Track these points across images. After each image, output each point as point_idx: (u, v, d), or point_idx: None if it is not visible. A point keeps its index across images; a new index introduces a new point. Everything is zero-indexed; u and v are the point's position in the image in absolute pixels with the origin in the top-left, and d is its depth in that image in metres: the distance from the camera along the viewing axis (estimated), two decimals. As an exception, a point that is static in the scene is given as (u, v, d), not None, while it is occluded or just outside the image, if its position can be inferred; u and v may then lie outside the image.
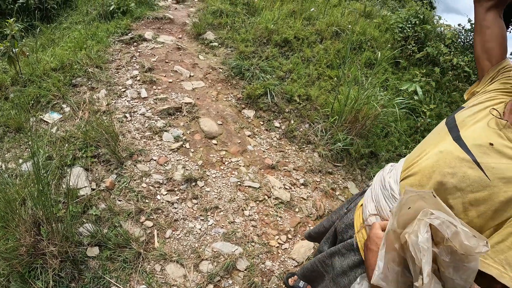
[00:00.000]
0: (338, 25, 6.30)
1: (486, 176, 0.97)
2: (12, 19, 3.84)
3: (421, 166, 1.12)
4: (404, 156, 1.34)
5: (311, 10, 6.83)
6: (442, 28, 7.50)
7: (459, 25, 10.23)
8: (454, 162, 1.03)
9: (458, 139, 1.08)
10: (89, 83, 3.98)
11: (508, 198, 0.93)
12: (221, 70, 4.92)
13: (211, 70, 4.87)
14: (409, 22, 6.53)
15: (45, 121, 3.41)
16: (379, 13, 8.29)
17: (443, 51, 5.86)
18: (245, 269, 2.46)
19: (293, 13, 6.61)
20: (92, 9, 6.04)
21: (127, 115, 3.58)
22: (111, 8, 5.81)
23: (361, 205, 1.38)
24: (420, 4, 7.19)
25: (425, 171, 1.10)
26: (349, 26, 6.28)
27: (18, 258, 2.08)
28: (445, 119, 1.24)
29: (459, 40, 9.08)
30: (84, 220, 2.48)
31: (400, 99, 4.37)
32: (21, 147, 3.13)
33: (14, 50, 3.76)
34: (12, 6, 5.30)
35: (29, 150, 3.02)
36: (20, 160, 2.91)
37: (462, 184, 1.00)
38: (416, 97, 4.74)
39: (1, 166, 2.84)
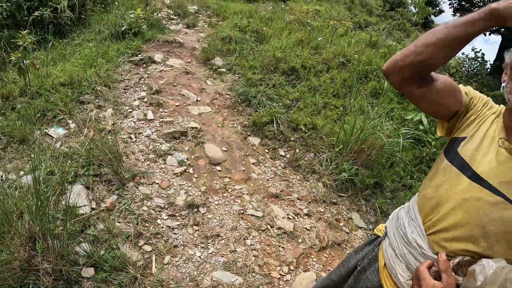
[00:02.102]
0: (345, 54, 6.38)
1: None
2: (25, 31, 3.89)
3: (452, 220, 1.06)
4: (409, 188, 1.28)
5: (318, 39, 6.93)
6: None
7: (463, 54, 10.34)
8: (488, 208, 1.00)
9: (477, 178, 1.04)
10: (97, 101, 3.98)
11: None
12: (228, 96, 4.94)
13: (218, 95, 4.89)
14: None
15: (49, 135, 3.40)
16: (385, 43, 8.41)
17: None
18: (245, 301, 2.38)
19: (300, 42, 6.71)
20: (104, 28, 6.13)
21: (132, 136, 3.56)
22: (123, 29, 5.91)
23: (384, 265, 1.28)
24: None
25: (458, 226, 1.05)
26: (355, 55, 6.35)
27: (10, 271, 2.01)
28: (443, 156, 1.19)
29: (463, 68, 9.15)
30: (81, 240, 2.42)
31: (405, 129, 4.35)
32: (24, 159, 3.09)
33: (25, 62, 3.79)
34: (27, 18, 5.37)
35: (31, 163, 2.99)
36: (21, 172, 2.88)
37: (502, 228, 0.98)
38: (421, 127, 4.72)
39: (1, 176, 2.80)
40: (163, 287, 2.32)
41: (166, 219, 2.77)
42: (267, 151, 4.13)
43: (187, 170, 3.35)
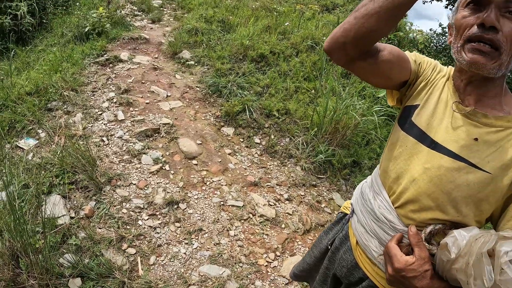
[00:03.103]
0: (313, 38, 6.38)
1: (487, 172, 0.97)
2: None
3: (415, 191, 1.06)
4: None
5: (286, 24, 6.90)
6: (415, 34, 7.71)
7: (430, 29, 10.54)
8: (452, 175, 1.00)
9: (436, 146, 1.04)
10: (65, 107, 3.88)
11: (511, 180, 0.96)
12: (198, 88, 4.88)
13: (188, 89, 4.83)
14: None
15: (20, 147, 3.30)
16: (352, 24, 8.42)
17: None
18: (234, 292, 2.39)
19: (268, 28, 6.67)
20: (67, 30, 5.96)
21: (104, 138, 3.49)
22: (86, 30, 5.74)
23: (356, 242, 1.27)
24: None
25: (424, 196, 1.04)
26: (324, 38, 6.36)
27: None
28: (398, 127, 1.17)
29: (432, 44, 9.35)
30: (64, 250, 2.37)
31: (378, 107, 4.40)
32: None
33: None
34: None
35: (5, 177, 2.90)
36: None
37: (469, 192, 0.98)
38: (394, 103, 4.79)
39: None
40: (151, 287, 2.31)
41: (147, 219, 2.74)
42: (242, 140, 4.12)
43: (163, 167, 3.31)
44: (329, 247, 1.43)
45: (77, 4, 7.33)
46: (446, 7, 14.44)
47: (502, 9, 0.91)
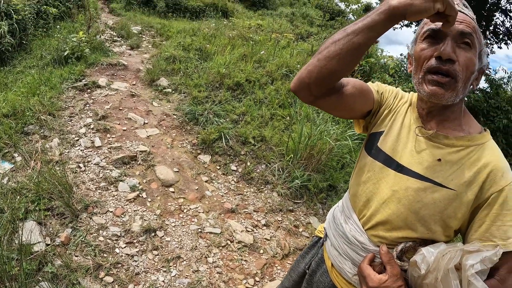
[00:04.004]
0: (288, 66, 6.58)
1: (452, 189, 1.04)
2: None
3: (386, 213, 1.12)
4: None
5: (261, 53, 7.10)
6: (386, 60, 8.07)
7: (401, 54, 11.04)
8: (418, 195, 1.07)
9: (402, 169, 1.11)
10: (42, 131, 3.85)
11: (476, 193, 1.03)
12: (175, 116, 4.93)
13: (165, 116, 4.88)
14: None
15: None
16: (326, 52, 8.74)
17: (388, 81, 6.26)
18: (212, 320, 2.39)
19: (244, 57, 6.84)
20: (46, 53, 5.95)
21: (81, 165, 3.47)
22: (65, 53, 5.75)
23: (331, 265, 1.32)
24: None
25: (396, 217, 1.11)
26: (298, 66, 6.57)
27: None
28: (365, 153, 1.25)
29: (402, 68, 9.85)
30: (40, 278, 2.31)
31: (351, 131, 4.54)
32: None
33: None
34: None
35: None
36: None
37: (436, 209, 1.05)
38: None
39: None
40: (127, 317, 2.28)
41: (124, 247, 2.73)
42: (218, 167, 4.17)
43: (140, 195, 3.31)
44: (307, 270, 1.48)
45: (58, 27, 7.33)
46: (414, 33, 15.36)
47: (458, 41, 1.01)
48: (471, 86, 1.10)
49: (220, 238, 3.07)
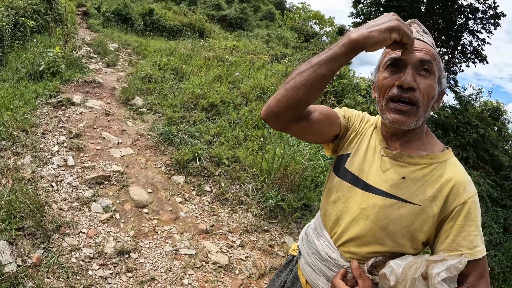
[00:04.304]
0: (262, 87, 6.71)
1: (417, 204, 1.11)
2: None
3: (355, 230, 1.18)
4: None
5: (236, 74, 7.22)
6: (358, 81, 8.35)
7: (371, 75, 11.54)
8: (385, 211, 1.14)
9: (369, 188, 1.18)
10: (14, 147, 3.77)
11: (440, 207, 1.10)
12: (149, 136, 4.94)
13: (139, 136, 4.87)
14: None
15: None
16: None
17: (360, 101, 6.47)
18: None
19: (219, 78, 6.94)
20: (22, 66, 5.87)
21: (53, 184, 3.42)
22: (41, 68, 5.70)
23: (306, 282, 1.36)
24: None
25: (365, 233, 1.16)
26: (272, 87, 6.72)
27: None
28: (334, 174, 1.31)
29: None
30: None
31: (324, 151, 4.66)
32: None
33: None
34: None
35: None
36: None
37: (403, 224, 1.12)
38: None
39: None
40: None
41: (98, 269, 2.68)
42: (192, 188, 4.18)
43: (114, 216, 3.28)
44: (280, 286, 1.53)
45: (35, 40, 7.24)
46: None
47: (418, 69, 1.09)
48: (432, 109, 1.18)
49: (195, 259, 3.07)
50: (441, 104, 1.24)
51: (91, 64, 7.59)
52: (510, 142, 12.69)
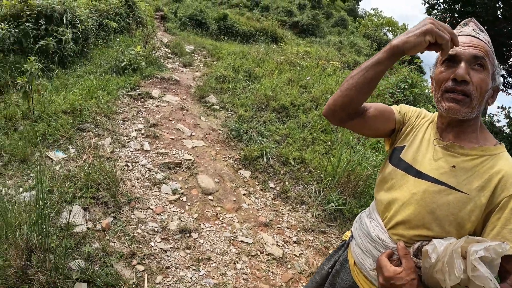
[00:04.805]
0: (333, 92, 6.68)
1: (465, 193, 1.14)
2: (33, 58, 4.06)
3: (405, 214, 1.23)
4: None
5: (307, 79, 7.27)
6: (430, 90, 8.02)
7: None
8: (434, 197, 1.17)
9: (421, 175, 1.23)
10: (96, 130, 4.16)
11: (488, 197, 1.11)
12: (220, 131, 5.15)
13: (211, 131, 5.10)
14: (398, 87, 6.97)
15: (50, 157, 3.53)
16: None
17: (432, 111, 6.22)
18: (235, 322, 2.46)
19: (290, 81, 7.03)
20: (105, 62, 6.42)
21: (129, 164, 3.71)
22: (123, 64, 6.22)
23: (354, 263, 1.42)
24: (408, 70, 7.69)
25: (414, 216, 1.21)
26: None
27: (5, 278, 2.09)
28: (389, 163, 1.38)
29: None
30: (76, 256, 2.49)
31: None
32: (24, 177, 3.21)
33: (30, 87, 3.97)
34: (32, 46, 5.59)
35: (31, 180, 3.10)
36: (21, 189, 2.98)
37: (450, 210, 1.15)
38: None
39: (1, 191, 2.87)
40: (155, 306, 2.40)
41: (159, 242, 2.88)
42: (257, 183, 4.29)
43: (181, 198, 3.49)
44: (330, 271, 1.58)
45: (118, 39, 7.91)
46: None
47: (471, 64, 1.14)
48: (486, 103, 1.22)
49: (250, 248, 3.16)
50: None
51: (169, 63, 8.07)
52: None
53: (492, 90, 1.21)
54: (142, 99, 5.35)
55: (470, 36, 1.19)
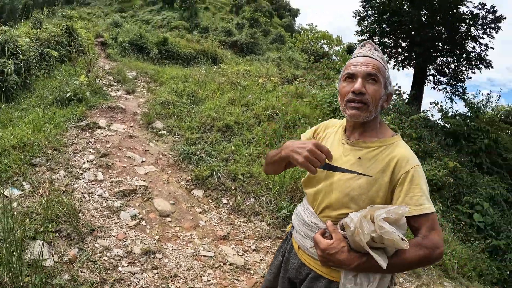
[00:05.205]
0: (273, 107, 7.10)
1: (371, 176, 1.48)
2: None
3: (328, 200, 1.57)
4: None
5: (249, 97, 7.64)
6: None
7: None
8: (348, 182, 1.51)
9: (336, 168, 1.56)
10: (48, 164, 4.18)
11: (389, 177, 1.46)
12: (170, 155, 5.34)
13: (161, 156, 5.27)
14: (335, 97, 7.53)
15: (5, 195, 3.49)
16: (309, 93, 9.37)
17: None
18: (208, 329, 2.67)
19: (232, 101, 7.37)
20: (49, 93, 6.37)
21: (86, 195, 3.80)
22: (67, 95, 6.18)
23: (298, 247, 1.73)
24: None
25: (335, 201, 1.54)
26: (283, 107, 7.11)
27: None
28: None
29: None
30: None
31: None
32: None
33: None
34: None
35: None
36: None
37: (361, 191, 1.48)
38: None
39: None
40: (131, 327, 2.55)
41: (127, 266, 3.02)
42: (211, 201, 4.53)
43: (140, 223, 3.64)
44: (282, 259, 1.88)
45: (61, 69, 7.81)
46: (393, 68, 16.44)
47: (367, 78, 1.50)
48: (382, 107, 1.58)
49: (213, 260, 3.38)
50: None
51: (112, 91, 8.11)
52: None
53: (386, 96, 1.58)
54: (90, 130, 5.41)
55: (366, 56, 1.54)
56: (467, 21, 14.51)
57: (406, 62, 16.48)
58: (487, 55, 15.12)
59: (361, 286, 1.40)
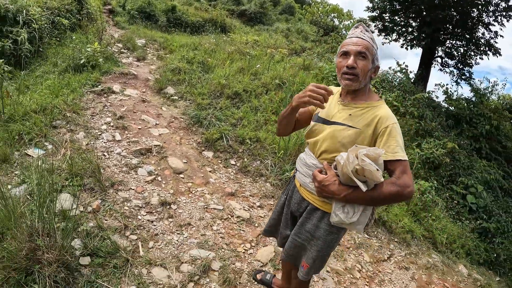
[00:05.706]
0: (281, 78, 7.33)
1: (358, 128, 1.84)
2: (1, 60, 4.16)
3: (324, 146, 1.93)
4: None
5: (257, 66, 7.86)
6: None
7: (389, 68, 11.91)
8: (339, 132, 1.87)
9: (332, 123, 1.93)
10: (68, 126, 4.49)
11: (373, 130, 1.82)
12: (182, 119, 5.64)
13: (173, 119, 5.58)
14: None
15: (29, 155, 3.81)
16: (316, 65, 9.53)
17: (373, 91, 7.04)
18: (219, 269, 3.02)
19: (241, 70, 7.60)
20: (61, 61, 6.58)
21: (105, 153, 4.14)
22: (81, 62, 6.42)
23: (300, 185, 2.10)
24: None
25: (330, 146, 1.90)
26: (290, 78, 7.33)
27: (15, 263, 2.36)
28: (311, 122, 2.08)
29: (387, 80, 10.58)
30: (75, 236, 2.88)
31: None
32: (8, 175, 3.49)
33: None
34: None
35: (17, 177, 3.40)
36: (9, 186, 3.26)
37: (350, 140, 1.84)
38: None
39: None
40: (151, 264, 2.91)
41: (145, 215, 3.39)
42: (220, 161, 4.86)
43: (156, 178, 3.98)
44: (286, 197, 2.27)
45: (73, 37, 8.01)
46: (401, 47, 16.30)
47: (357, 56, 1.83)
48: (370, 77, 1.92)
49: (222, 213, 3.74)
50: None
51: (123, 58, 8.31)
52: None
53: (374, 69, 1.91)
54: (105, 94, 5.70)
55: (358, 37, 1.86)
56: (479, 6, 14.31)
57: (415, 42, 16.31)
58: (496, 42, 15.00)
59: (347, 214, 1.75)
